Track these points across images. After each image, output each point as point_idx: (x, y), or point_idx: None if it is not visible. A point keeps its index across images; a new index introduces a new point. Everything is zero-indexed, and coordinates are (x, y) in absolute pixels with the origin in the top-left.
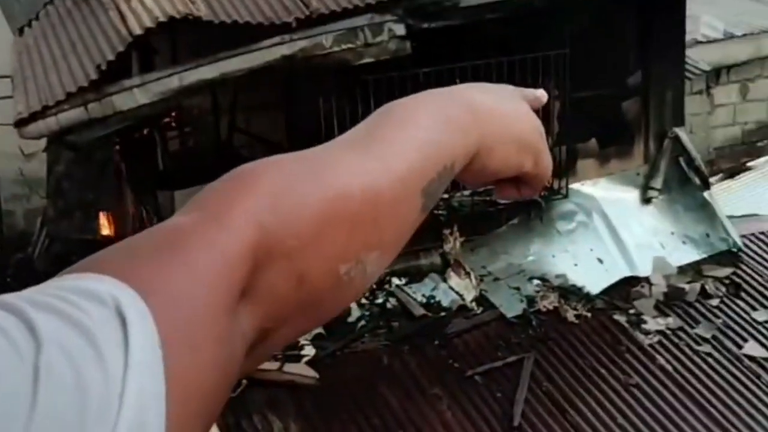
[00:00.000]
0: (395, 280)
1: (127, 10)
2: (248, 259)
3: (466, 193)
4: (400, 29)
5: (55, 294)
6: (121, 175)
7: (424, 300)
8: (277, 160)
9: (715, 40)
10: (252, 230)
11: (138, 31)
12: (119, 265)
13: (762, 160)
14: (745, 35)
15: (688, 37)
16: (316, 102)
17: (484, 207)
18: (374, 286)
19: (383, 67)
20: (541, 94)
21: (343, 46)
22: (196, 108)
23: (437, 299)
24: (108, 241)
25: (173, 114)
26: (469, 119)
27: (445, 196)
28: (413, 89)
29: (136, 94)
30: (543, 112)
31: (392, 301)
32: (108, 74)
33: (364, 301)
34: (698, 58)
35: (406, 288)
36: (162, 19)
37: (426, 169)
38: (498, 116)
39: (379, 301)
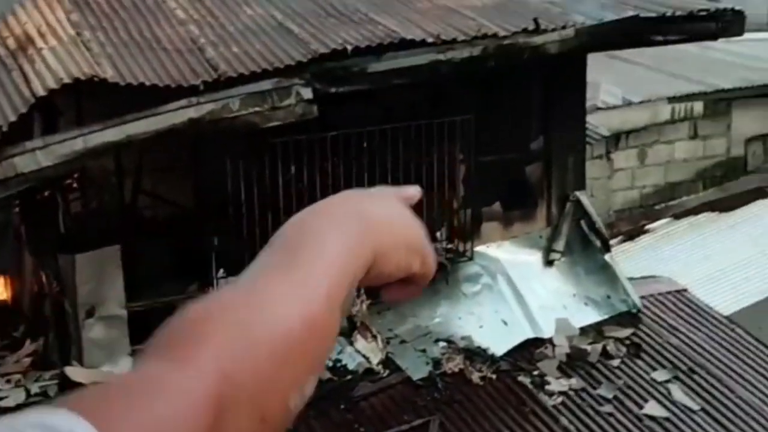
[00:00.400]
0: None
1: (30, 71)
2: (213, 407)
3: None
4: (307, 93)
5: (18, 429)
6: (20, 238)
7: (330, 363)
8: (223, 302)
9: (614, 107)
10: (215, 378)
11: (41, 92)
12: (90, 405)
13: (659, 222)
14: (642, 102)
15: (588, 104)
16: (224, 165)
17: None
18: None
19: (291, 131)
20: (415, 192)
21: (251, 110)
22: (99, 169)
23: (343, 362)
24: (4, 305)
25: (76, 175)
26: (366, 232)
27: None
28: (321, 152)
29: (38, 156)
30: (449, 177)
31: None
32: (10, 136)
33: None
34: (598, 123)
35: None
36: (66, 80)
37: (341, 287)
38: (389, 225)
39: None
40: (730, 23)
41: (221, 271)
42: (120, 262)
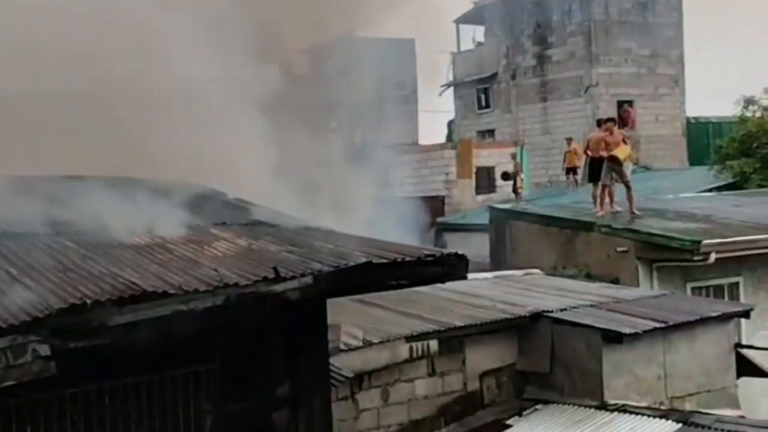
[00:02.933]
0: None
1: None
2: None
3: None
4: (44, 350)
5: None
6: None
7: None
8: None
9: (355, 348)
10: None
11: None
12: None
13: None
14: (382, 342)
15: (330, 346)
16: None
17: None
18: None
19: (27, 389)
20: None
21: None
22: None
23: None
24: None
25: None
26: None
27: None
28: (59, 411)
29: None
30: (196, 428)
31: None
32: None
33: None
34: (342, 365)
35: None
36: None
37: None
38: None
39: None
40: (455, 267)
41: None
42: None
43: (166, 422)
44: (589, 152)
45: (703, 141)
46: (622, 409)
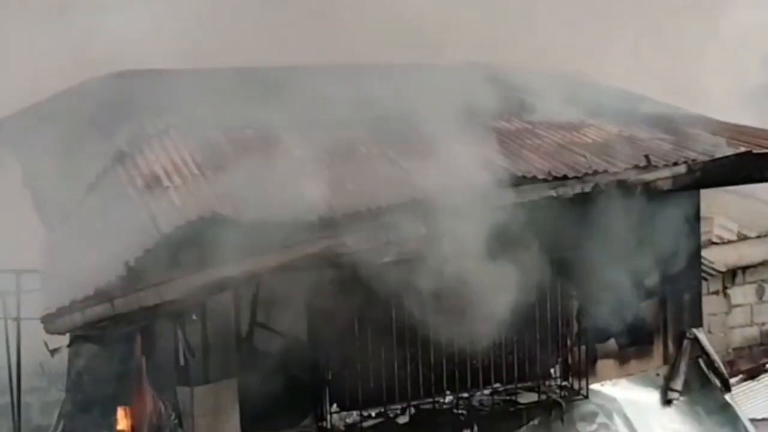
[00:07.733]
0: None
1: (156, 208)
2: None
3: (486, 392)
4: (419, 229)
5: None
6: (141, 370)
7: None
8: None
9: (729, 241)
10: None
11: (167, 229)
12: None
13: None
14: (759, 236)
15: (703, 238)
16: (336, 298)
17: (505, 407)
18: None
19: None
20: None
21: (365, 246)
22: (218, 303)
23: None
24: None
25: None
26: None
27: (466, 395)
28: None
29: (161, 291)
30: (563, 313)
31: None
32: (135, 270)
33: None
34: (714, 258)
35: None
36: (191, 218)
37: None
38: None
39: None
40: None
41: (335, 405)
42: (237, 395)
43: (534, 304)
44: None
45: None
46: None
